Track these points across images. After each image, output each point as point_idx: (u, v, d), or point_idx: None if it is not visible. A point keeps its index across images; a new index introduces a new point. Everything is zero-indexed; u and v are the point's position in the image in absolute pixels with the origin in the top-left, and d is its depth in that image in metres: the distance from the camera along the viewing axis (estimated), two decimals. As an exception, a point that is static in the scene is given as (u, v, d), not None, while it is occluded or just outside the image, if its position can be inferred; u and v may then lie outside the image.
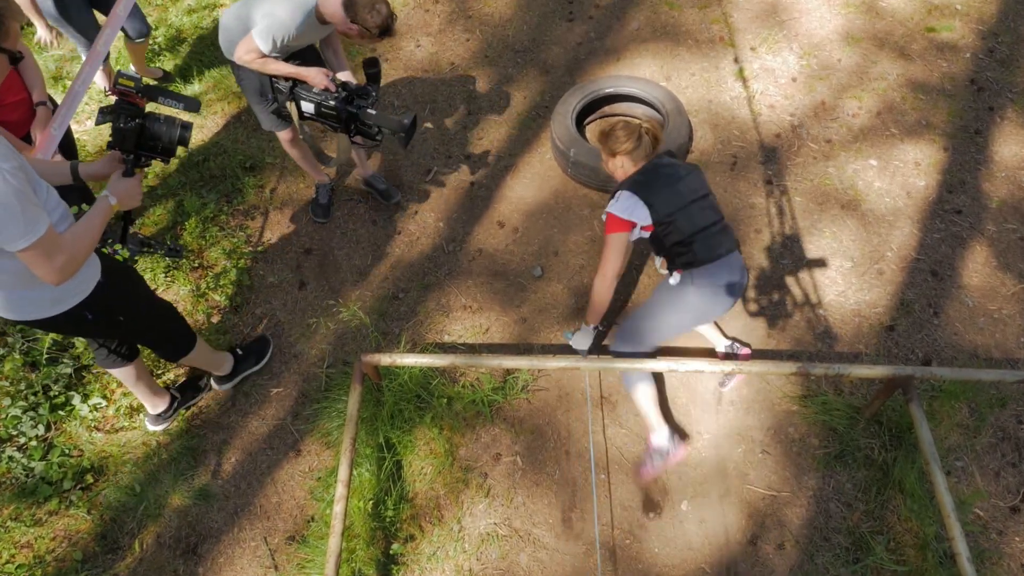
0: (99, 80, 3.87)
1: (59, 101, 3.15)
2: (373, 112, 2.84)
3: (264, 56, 2.78)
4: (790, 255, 3.36)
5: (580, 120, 3.74)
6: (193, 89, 4.05)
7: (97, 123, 2.00)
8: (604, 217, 2.56)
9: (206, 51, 4.22)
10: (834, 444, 2.83)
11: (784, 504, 2.72)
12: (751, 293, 3.25)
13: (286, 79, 2.89)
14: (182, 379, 3.02)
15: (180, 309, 3.23)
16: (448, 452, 2.84)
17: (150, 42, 4.21)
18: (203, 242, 3.40)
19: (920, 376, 2.52)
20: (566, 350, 3.14)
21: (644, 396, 2.69)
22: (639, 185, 2.49)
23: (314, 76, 2.84)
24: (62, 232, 1.79)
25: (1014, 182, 3.56)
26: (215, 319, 3.23)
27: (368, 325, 3.16)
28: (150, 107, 3.49)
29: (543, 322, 3.21)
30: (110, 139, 1.97)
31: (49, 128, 2.66)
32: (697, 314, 2.60)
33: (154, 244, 2.26)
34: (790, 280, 3.28)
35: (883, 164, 3.67)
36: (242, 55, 2.79)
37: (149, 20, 4.38)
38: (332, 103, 2.82)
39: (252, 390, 3.07)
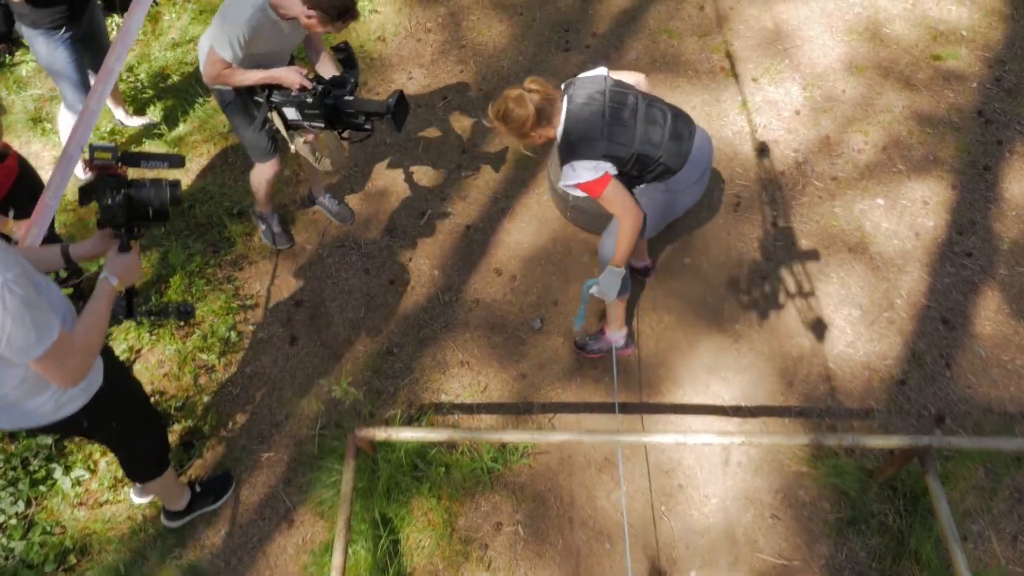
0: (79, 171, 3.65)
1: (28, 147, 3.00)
2: (351, 98, 2.68)
3: (229, 66, 2.63)
4: (797, 303, 3.26)
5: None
6: (177, 130, 3.90)
7: (81, 205, 1.87)
8: (576, 191, 2.50)
9: (190, 88, 4.07)
10: (846, 509, 2.74)
11: (795, 573, 2.64)
12: (759, 346, 3.14)
13: (261, 88, 2.73)
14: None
15: (166, 370, 3.12)
16: (447, 522, 2.74)
17: (132, 79, 4.06)
18: (189, 297, 3.28)
19: (938, 446, 2.43)
20: (568, 408, 3.04)
21: (621, 303, 2.92)
22: (584, 145, 2.40)
23: (286, 75, 2.66)
24: (71, 330, 1.68)
25: (1025, 222, 3.47)
26: (203, 380, 3.11)
27: (361, 400, 3.02)
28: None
29: (543, 379, 3.10)
30: (98, 217, 1.85)
31: (44, 197, 2.49)
32: (673, 211, 2.71)
33: (164, 309, 2.13)
34: (798, 331, 3.18)
35: (890, 203, 3.57)
36: (208, 71, 2.67)
37: (130, 56, 4.23)
38: (311, 100, 2.66)
39: (242, 455, 2.96)
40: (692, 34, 4.30)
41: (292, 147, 2.93)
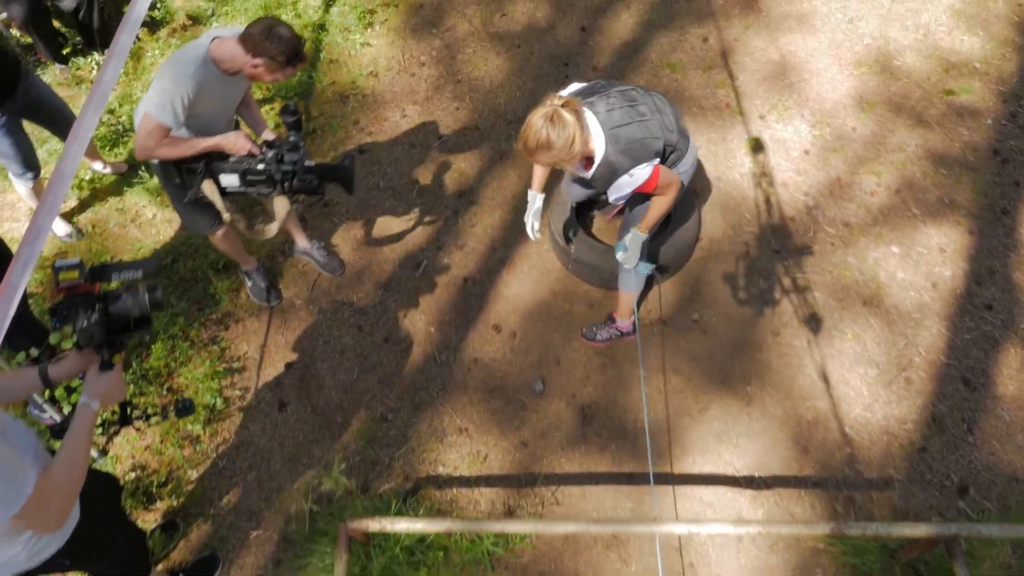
0: (58, 227, 3.47)
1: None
2: (312, 163, 2.55)
3: (168, 134, 2.40)
4: (811, 362, 3.11)
5: (581, 210, 3.45)
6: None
7: (54, 330, 1.70)
8: (623, 200, 2.57)
9: (174, 129, 3.89)
10: (867, 591, 2.60)
11: (815, 662, 2.50)
12: (772, 409, 3.00)
13: (198, 158, 2.51)
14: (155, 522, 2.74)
15: (148, 443, 2.96)
16: (446, 609, 2.59)
17: (113, 121, 3.89)
18: (173, 363, 3.11)
19: (966, 535, 2.29)
20: (572, 480, 2.89)
21: (632, 297, 2.97)
22: (637, 150, 2.40)
23: (233, 141, 2.48)
24: (47, 470, 1.53)
25: (1046, 271, 3.33)
26: (187, 451, 2.95)
27: (354, 490, 2.85)
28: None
29: (546, 447, 2.95)
30: (75, 340, 1.68)
31: (9, 275, 2.27)
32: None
33: (161, 410, 1.97)
34: (812, 392, 3.04)
35: (905, 251, 3.42)
36: (145, 143, 2.39)
37: (111, 96, 4.05)
38: (260, 167, 2.50)
39: (229, 534, 2.80)
40: (696, 68, 4.14)
41: (225, 216, 2.73)
